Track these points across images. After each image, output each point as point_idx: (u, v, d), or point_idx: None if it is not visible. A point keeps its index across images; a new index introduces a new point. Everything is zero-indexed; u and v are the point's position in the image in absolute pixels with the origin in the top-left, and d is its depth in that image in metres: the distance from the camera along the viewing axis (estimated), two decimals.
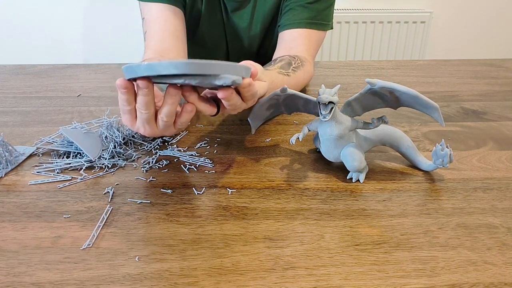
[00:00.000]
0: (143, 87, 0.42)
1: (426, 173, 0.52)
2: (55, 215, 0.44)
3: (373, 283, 0.35)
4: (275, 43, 0.84)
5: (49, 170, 0.52)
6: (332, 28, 0.86)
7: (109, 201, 0.46)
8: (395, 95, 0.47)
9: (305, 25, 0.81)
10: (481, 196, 0.48)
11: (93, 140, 0.56)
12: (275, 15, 0.86)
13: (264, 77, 0.54)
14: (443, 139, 0.49)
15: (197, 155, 0.56)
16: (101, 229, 0.42)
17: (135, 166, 0.54)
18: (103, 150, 0.55)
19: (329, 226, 0.42)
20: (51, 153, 0.56)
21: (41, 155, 0.56)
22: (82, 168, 0.52)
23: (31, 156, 0.56)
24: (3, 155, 0.52)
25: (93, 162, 0.53)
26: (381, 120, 0.49)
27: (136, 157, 0.56)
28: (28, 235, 0.41)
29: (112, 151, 0.55)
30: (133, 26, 1.71)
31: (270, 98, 0.54)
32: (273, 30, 0.88)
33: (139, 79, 0.41)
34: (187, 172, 0.52)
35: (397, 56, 1.92)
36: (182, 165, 0.54)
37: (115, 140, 0.57)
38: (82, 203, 0.46)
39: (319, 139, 0.52)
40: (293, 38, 0.80)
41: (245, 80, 0.45)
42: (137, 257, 0.38)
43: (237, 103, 0.47)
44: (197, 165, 0.54)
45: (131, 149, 0.58)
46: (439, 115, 0.46)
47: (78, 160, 0.53)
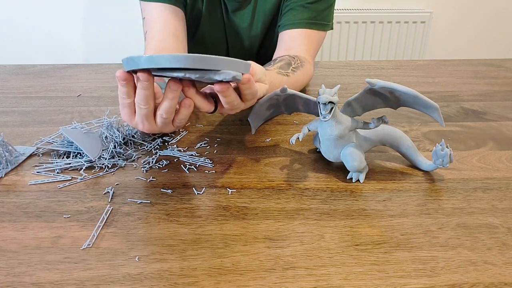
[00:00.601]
0: (144, 80, 0.41)
1: (426, 173, 0.52)
2: (55, 215, 0.44)
3: (373, 283, 0.35)
4: (276, 43, 0.84)
5: (49, 170, 0.52)
6: (332, 28, 0.86)
7: (109, 201, 0.46)
8: (395, 95, 0.47)
9: (305, 25, 0.81)
10: (481, 196, 0.48)
11: (93, 140, 0.56)
12: (276, 15, 0.86)
13: (265, 79, 0.53)
14: (443, 139, 0.49)
15: (197, 155, 0.56)
16: (101, 229, 0.42)
17: (135, 166, 0.54)
18: (103, 150, 0.55)
19: (329, 226, 0.42)
20: (51, 153, 0.56)
21: (41, 155, 0.56)
22: (82, 168, 0.52)
23: (31, 156, 0.56)
24: (3, 155, 0.52)
25: (93, 162, 0.53)
26: (381, 120, 0.49)
27: (136, 157, 0.56)
28: (28, 235, 0.41)
29: (112, 151, 0.55)
30: (133, 26, 1.71)
31: (270, 98, 0.54)
32: (274, 30, 0.88)
33: (139, 71, 0.41)
34: (187, 172, 0.52)
35: (397, 56, 1.92)
36: (182, 165, 0.54)
37: (115, 140, 0.57)
38: (82, 203, 0.46)
39: (319, 139, 0.52)
40: (293, 38, 0.80)
41: (245, 76, 0.44)
42: (137, 257, 0.38)
43: (234, 101, 0.47)
44: (197, 165, 0.54)
45: (131, 149, 0.58)
46: (439, 115, 0.46)
47: (78, 160, 0.53)
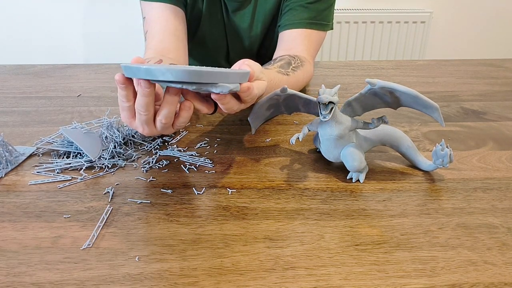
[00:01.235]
0: (145, 87, 0.42)
1: (426, 173, 0.52)
2: (55, 215, 0.44)
3: (373, 283, 0.35)
4: (276, 43, 0.84)
5: (49, 170, 0.52)
6: (332, 28, 0.86)
7: (109, 201, 0.46)
8: (395, 95, 0.47)
9: (305, 25, 0.81)
10: (481, 196, 0.48)
11: (93, 140, 0.56)
12: (276, 15, 0.86)
13: (263, 76, 0.53)
14: (443, 139, 0.49)
15: (197, 155, 0.56)
16: (101, 229, 0.42)
17: (135, 166, 0.54)
18: (103, 150, 0.55)
19: (329, 226, 0.42)
20: (51, 153, 0.56)
21: (41, 155, 0.56)
22: (82, 168, 0.52)
23: (31, 156, 0.56)
24: (3, 155, 0.52)
25: (93, 162, 0.53)
26: (381, 120, 0.49)
27: (136, 157, 0.56)
28: (28, 235, 0.41)
29: (112, 151, 0.55)
30: (133, 26, 1.71)
31: (270, 98, 0.53)
32: (274, 30, 0.88)
33: (140, 79, 0.41)
34: (187, 172, 0.52)
35: (397, 56, 1.92)
36: (182, 165, 0.54)
37: (115, 140, 0.57)
38: (82, 203, 0.46)
39: (319, 139, 0.52)
40: (293, 38, 0.80)
41: (244, 85, 0.44)
42: (137, 257, 0.38)
43: (233, 106, 0.47)
44: (197, 165, 0.54)
45: (131, 149, 0.58)
46: (439, 115, 0.46)
47: (78, 160, 0.53)
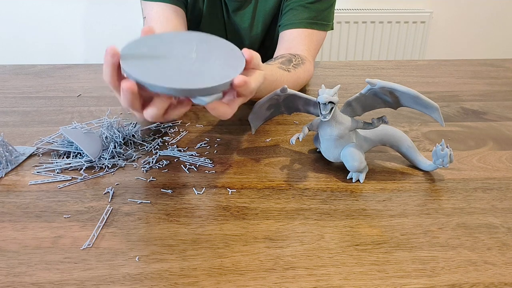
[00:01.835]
0: (127, 90, 0.40)
1: (426, 173, 0.52)
2: (55, 215, 0.44)
3: (373, 283, 0.35)
4: (276, 43, 0.84)
5: (49, 170, 0.52)
6: (332, 28, 0.86)
7: (109, 201, 0.46)
8: (395, 95, 0.47)
9: (305, 25, 0.81)
10: (481, 196, 0.48)
11: (93, 140, 0.56)
12: (276, 15, 0.86)
13: (261, 64, 0.50)
14: (443, 139, 0.49)
15: (197, 155, 0.56)
16: (101, 229, 0.42)
17: (135, 166, 0.54)
18: (103, 150, 0.55)
19: (329, 226, 0.42)
20: (51, 153, 0.56)
21: (41, 155, 0.56)
22: (82, 168, 0.52)
23: (31, 156, 0.56)
24: (3, 155, 0.52)
25: (93, 162, 0.53)
26: (381, 120, 0.49)
27: (136, 157, 0.56)
28: (28, 235, 0.41)
29: (112, 151, 0.55)
30: (133, 26, 1.71)
31: (270, 98, 0.53)
32: (274, 30, 0.88)
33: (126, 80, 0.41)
34: (187, 172, 0.52)
35: (397, 56, 1.92)
36: (182, 165, 0.54)
37: (115, 140, 0.57)
38: (82, 203, 0.46)
39: (319, 139, 0.52)
40: (293, 37, 0.80)
41: (239, 79, 0.42)
42: (137, 257, 0.38)
43: (226, 112, 0.45)
44: (197, 165, 0.54)
45: (131, 149, 0.58)
46: (439, 115, 0.46)
47: (78, 160, 0.53)
